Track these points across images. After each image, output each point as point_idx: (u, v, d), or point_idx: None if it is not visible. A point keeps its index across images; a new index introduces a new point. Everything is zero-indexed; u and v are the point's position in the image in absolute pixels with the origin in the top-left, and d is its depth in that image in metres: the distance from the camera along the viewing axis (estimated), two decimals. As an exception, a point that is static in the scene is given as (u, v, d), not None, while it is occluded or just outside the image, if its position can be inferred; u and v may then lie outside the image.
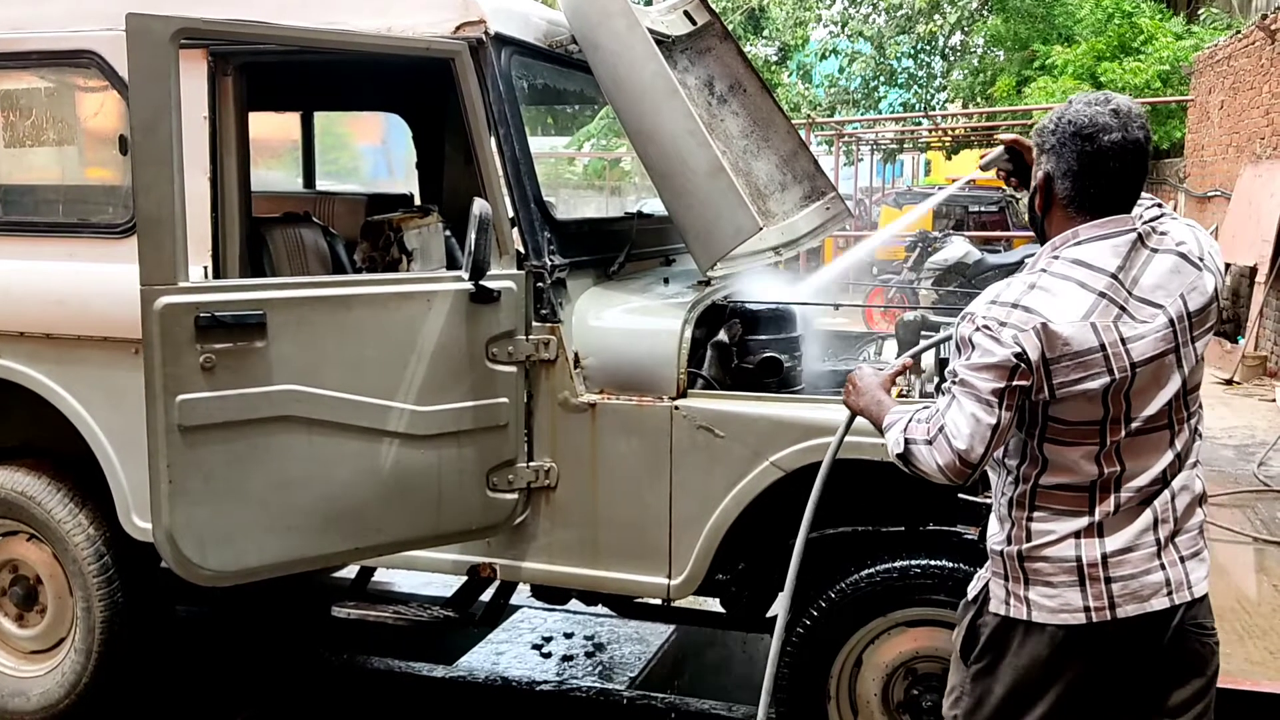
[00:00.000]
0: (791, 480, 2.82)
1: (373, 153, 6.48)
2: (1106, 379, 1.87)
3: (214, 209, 2.99)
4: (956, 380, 1.92)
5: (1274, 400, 8.73)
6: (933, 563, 2.78)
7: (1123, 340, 1.87)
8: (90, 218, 3.37)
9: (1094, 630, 1.94)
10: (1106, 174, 1.92)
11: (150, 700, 3.75)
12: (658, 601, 3.15)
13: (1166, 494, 1.97)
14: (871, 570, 2.81)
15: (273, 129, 5.00)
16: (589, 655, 4.19)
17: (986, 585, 2.06)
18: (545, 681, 3.96)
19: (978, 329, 1.90)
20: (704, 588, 3.02)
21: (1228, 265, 10.49)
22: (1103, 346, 1.86)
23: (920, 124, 20.79)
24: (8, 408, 3.44)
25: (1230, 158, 11.63)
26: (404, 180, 5.08)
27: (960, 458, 1.89)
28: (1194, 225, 2.04)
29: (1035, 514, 1.98)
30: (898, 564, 2.80)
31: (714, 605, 3.36)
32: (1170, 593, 1.96)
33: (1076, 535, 1.94)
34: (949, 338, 2.31)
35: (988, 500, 2.69)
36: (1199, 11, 16.19)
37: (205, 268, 2.96)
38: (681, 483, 2.91)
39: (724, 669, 4.10)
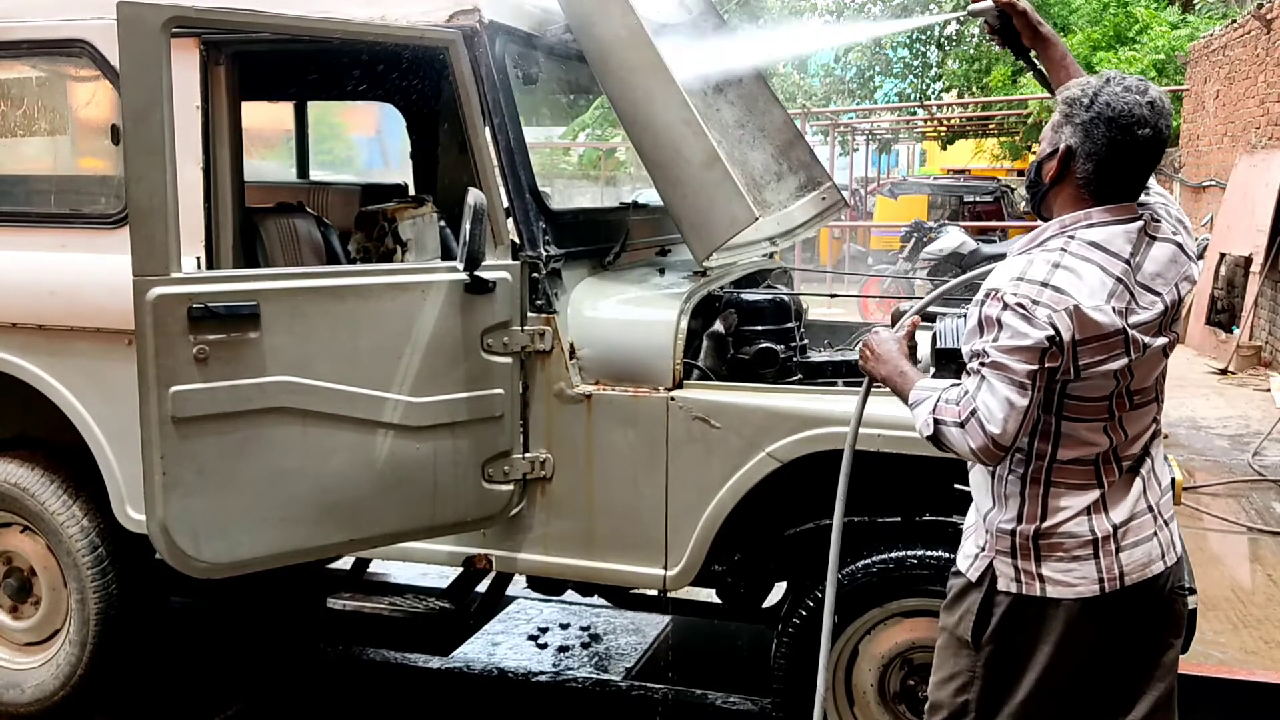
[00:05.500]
0: (788, 471, 2.82)
1: (366, 143, 6.46)
2: (1125, 360, 1.92)
3: (207, 199, 2.97)
4: (986, 361, 1.89)
5: (1268, 390, 8.74)
6: (929, 553, 2.77)
7: (1134, 325, 1.92)
8: (82, 208, 3.34)
9: (1106, 600, 1.99)
10: (1130, 167, 1.94)
11: (145, 692, 3.75)
12: (654, 592, 3.14)
13: (1149, 461, 2.06)
14: (867, 561, 2.81)
15: (266, 118, 4.97)
16: (585, 646, 4.19)
17: (991, 566, 2.06)
18: (541, 672, 3.96)
19: (1007, 308, 1.87)
20: (700, 579, 3.01)
21: (1222, 255, 10.50)
22: (1124, 330, 1.90)
23: (916, 114, 20.78)
24: (0, 399, 3.42)
25: (1225, 147, 11.63)
26: (398, 170, 5.06)
27: (994, 441, 1.88)
28: (1167, 201, 2.08)
29: (1052, 490, 2.00)
30: (894, 555, 2.80)
31: (710, 596, 3.36)
32: (1164, 555, 2.05)
33: (1089, 510, 1.99)
34: (965, 281, 2.33)
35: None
36: (1194, 1, 16.18)
37: (198, 258, 2.94)
38: (677, 474, 2.91)
39: (720, 660, 4.10)
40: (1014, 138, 20.84)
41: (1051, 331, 1.85)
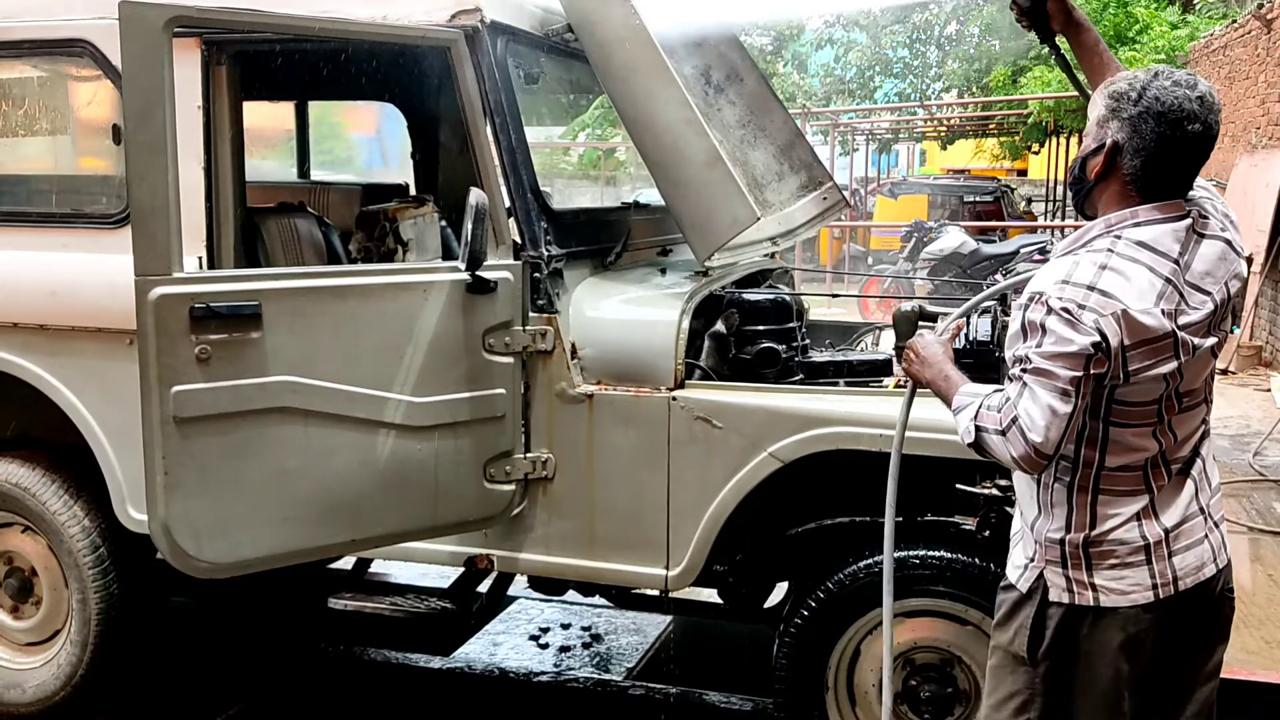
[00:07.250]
0: (789, 471, 2.82)
1: (367, 143, 6.46)
2: (1175, 363, 1.86)
3: (208, 199, 2.97)
4: (1029, 368, 1.84)
5: (1269, 390, 8.74)
6: (931, 554, 2.77)
7: (1183, 326, 1.86)
8: (84, 208, 3.35)
9: (1161, 606, 1.95)
10: (1180, 163, 1.89)
11: (146, 692, 3.74)
12: (655, 593, 3.14)
13: (1199, 463, 2.01)
14: (869, 561, 2.80)
15: (266, 118, 4.97)
16: (586, 646, 4.19)
17: (1041, 576, 2.01)
18: (543, 672, 3.96)
19: (1052, 312, 1.82)
20: (702, 579, 3.01)
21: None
22: (1173, 332, 1.84)
23: (916, 114, 20.77)
24: (2, 399, 3.42)
25: (1226, 147, 11.62)
26: (399, 170, 5.06)
27: (1036, 450, 1.83)
28: (1212, 196, 2.02)
29: (1100, 497, 1.94)
30: (895, 555, 2.79)
31: (712, 596, 3.36)
32: (1215, 558, 2.01)
33: (1139, 516, 1.94)
34: (1002, 291, 2.31)
35: (984, 491, 2.70)
36: (1194, 1, 16.17)
37: (200, 258, 2.94)
38: (679, 474, 2.90)
39: (721, 660, 4.10)
40: (1014, 138, 20.85)
41: (1098, 338, 1.79)
